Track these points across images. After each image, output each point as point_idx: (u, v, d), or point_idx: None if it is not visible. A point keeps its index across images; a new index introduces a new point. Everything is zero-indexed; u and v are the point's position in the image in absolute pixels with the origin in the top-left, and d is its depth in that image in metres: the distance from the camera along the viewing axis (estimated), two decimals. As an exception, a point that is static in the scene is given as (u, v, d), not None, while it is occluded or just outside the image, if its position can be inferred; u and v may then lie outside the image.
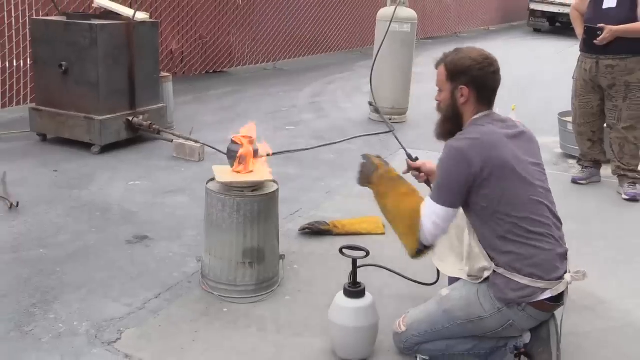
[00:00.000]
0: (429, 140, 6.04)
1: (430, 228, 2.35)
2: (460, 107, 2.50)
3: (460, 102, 2.49)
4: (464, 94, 2.47)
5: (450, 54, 2.53)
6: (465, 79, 2.46)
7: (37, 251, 3.38)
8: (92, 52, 5.03)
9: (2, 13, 6.03)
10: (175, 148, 5.19)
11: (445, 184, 2.37)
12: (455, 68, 2.48)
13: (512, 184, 2.36)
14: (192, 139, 5.21)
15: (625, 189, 4.76)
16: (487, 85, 2.48)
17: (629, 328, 2.94)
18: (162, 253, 3.45)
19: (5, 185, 4.23)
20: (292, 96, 8.02)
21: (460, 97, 2.48)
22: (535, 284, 2.34)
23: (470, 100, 2.48)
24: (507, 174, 2.35)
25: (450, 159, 2.37)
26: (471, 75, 2.45)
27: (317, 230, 3.76)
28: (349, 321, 2.52)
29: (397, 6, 6.65)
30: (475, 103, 2.48)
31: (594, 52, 4.70)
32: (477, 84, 2.46)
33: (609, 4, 4.64)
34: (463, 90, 2.46)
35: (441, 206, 2.35)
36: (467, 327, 2.46)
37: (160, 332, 2.70)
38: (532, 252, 2.35)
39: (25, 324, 2.70)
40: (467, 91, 2.46)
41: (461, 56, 2.49)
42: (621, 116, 4.73)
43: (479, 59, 2.46)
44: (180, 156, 5.14)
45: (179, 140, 5.22)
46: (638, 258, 3.73)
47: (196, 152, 5.08)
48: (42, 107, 5.32)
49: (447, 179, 2.37)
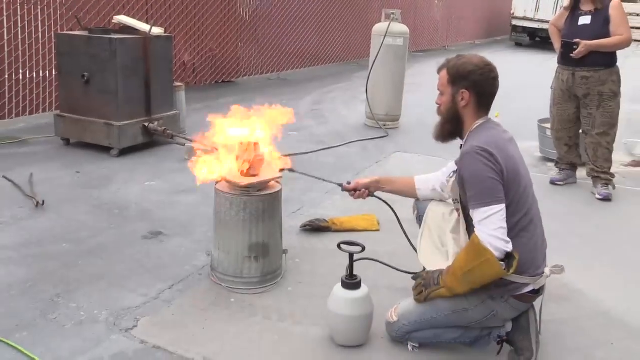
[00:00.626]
0: (420, 144, 6.08)
1: (497, 244, 2.20)
2: (461, 110, 2.45)
3: (461, 106, 2.44)
4: (464, 98, 2.42)
5: (452, 60, 2.48)
6: (467, 83, 2.41)
7: (61, 246, 3.38)
8: (111, 64, 5.04)
9: (30, 28, 6.04)
10: (187, 151, 5.18)
11: (486, 186, 2.26)
12: (457, 72, 2.43)
13: (517, 184, 2.35)
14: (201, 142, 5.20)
15: (599, 190, 4.76)
16: (486, 91, 2.44)
17: (601, 316, 2.94)
18: (175, 248, 3.45)
19: (32, 185, 4.24)
20: (295, 104, 8.02)
21: (460, 101, 2.43)
22: (521, 279, 2.34)
23: (470, 104, 2.43)
24: (515, 175, 2.34)
25: (478, 162, 2.28)
26: (472, 80, 2.41)
27: (317, 227, 3.76)
28: (346, 310, 2.52)
29: (390, 22, 6.65)
30: (475, 107, 2.44)
31: (570, 64, 4.70)
32: (477, 89, 2.41)
33: (584, 21, 4.65)
34: (464, 94, 2.42)
35: (493, 205, 2.24)
36: (453, 318, 2.45)
37: (173, 320, 2.70)
38: (523, 248, 2.33)
39: (50, 312, 2.70)
40: (467, 95, 2.41)
41: (463, 61, 2.44)
42: (595, 123, 4.74)
43: (480, 64, 2.42)
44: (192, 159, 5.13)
45: (190, 144, 5.21)
46: (610, 253, 3.73)
47: (206, 155, 5.07)
48: (66, 114, 5.31)
49: (485, 182, 2.27)
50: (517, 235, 2.33)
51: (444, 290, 2.37)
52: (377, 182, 2.91)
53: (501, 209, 2.25)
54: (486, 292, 2.37)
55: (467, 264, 2.28)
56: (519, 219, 2.35)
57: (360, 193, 2.87)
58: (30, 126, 5.95)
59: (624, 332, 2.83)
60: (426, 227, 2.70)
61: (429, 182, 2.84)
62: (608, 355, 2.63)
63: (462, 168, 2.35)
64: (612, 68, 4.67)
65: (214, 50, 8.74)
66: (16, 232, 3.51)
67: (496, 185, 2.26)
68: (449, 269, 2.38)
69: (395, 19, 6.70)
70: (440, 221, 2.68)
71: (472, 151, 2.32)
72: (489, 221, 2.23)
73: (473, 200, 2.29)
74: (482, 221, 2.25)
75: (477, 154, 2.29)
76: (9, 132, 5.67)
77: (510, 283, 2.34)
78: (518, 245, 2.32)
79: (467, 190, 2.34)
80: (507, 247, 2.23)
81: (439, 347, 2.55)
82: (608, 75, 4.64)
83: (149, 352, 2.46)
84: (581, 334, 2.77)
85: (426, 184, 2.84)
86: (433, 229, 2.66)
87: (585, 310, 2.99)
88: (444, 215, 2.69)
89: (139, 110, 5.29)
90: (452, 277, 2.35)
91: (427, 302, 2.45)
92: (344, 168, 5.17)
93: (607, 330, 2.83)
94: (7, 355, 2.39)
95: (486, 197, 2.25)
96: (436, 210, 2.74)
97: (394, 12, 6.73)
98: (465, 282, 2.31)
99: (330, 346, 2.56)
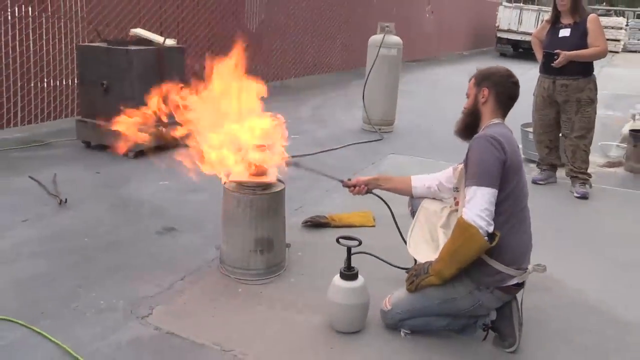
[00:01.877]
0: (413, 147, 6.09)
1: (480, 222, 2.20)
2: (480, 106, 2.50)
3: (481, 102, 2.49)
4: (484, 95, 2.47)
5: (481, 68, 2.58)
6: (487, 83, 2.48)
7: (82, 240, 3.39)
8: (128, 73, 5.04)
9: (54, 40, 6.04)
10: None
11: (484, 168, 2.27)
12: (481, 75, 2.53)
13: (520, 177, 2.36)
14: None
15: (577, 189, 4.76)
16: (505, 91, 2.48)
17: (579, 305, 2.95)
18: (186, 242, 3.45)
19: (56, 185, 4.24)
20: (297, 109, 8.02)
21: (481, 98, 2.48)
22: (509, 271, 2.34)
23: (489, 101, 2.47)
24: (518, 169, 2.35)
25: (487, 145, 2.30)
26: (493, 80, 2.48)
27: (318, 223, 3.77)
28: (344, 299, 2.52)
29: (385, 34, 6.66)
30: (493, 105, 2.48)
31: (551, 73, 4.70)
32: (497, 88, 2.47)
33: (564, 33, 4.65)
34: (484, 91, 2.47)
35: (485, 187, 2.24)
36: (442, 307, 2.45)
37: (185, 309, 2.70)
38: (513, 240, 2.34)
39: (72, 301, 2.70)
40: (487, 92, 2.47)
41: (489, 67, 2.56)
42: (574, 127, 4.74)
43: (502, 70, 2.52)
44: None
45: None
46: (586, 246, 3.73)
47: (216, 157, 5.07)
48: (87, 119, 5.31)
49: (485, 163, 2.27)
50: (512, 227, 2.33)
51: (433, 278, 2.38)
52: (375, 180, 2.92)
53: (491, 193, 2.24)
54: (474, 282, 2.38)
55: (453, 243, 2.28)
56: (518, 210, 2.36)
57: (359, 189, 2.88)
58: (53, 130, 5.95)
59: (600, 318, 2.83)
60: (417, 221, 2.71)
61: (424, 180, 2.85)
62: (585, 340, 2.63)
63: (470, 149, 2.37)
64: (590, 77, 4.67)
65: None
66: (41, 228, 3.51)
67: (495, 170, 2.27)
68: (437, 257, 2.39)
69: (390, 31, 6.70)
70: (431, 217, 2.68)
71: (482, 136, 2.36)
72: (477, 201, 2.23)
73: (470, 177, 2.30)
74: (470, 200, 2.25)
75: (487, 140, 2.32)
76: (35, 136, 5.68)
77: (498, 273, 2.34)
78: (513, 236, 2.33)
79: (468, 169, 2.34)
80: (489, 228, 2.22)
81: (429, 333, 2.55)
82: (586, 83, 4.64)
83: (163, 337, 2.46)
84: (561, 321, 2.77)
85: (421, 182, 2.85)
86: (424, 224, 2.67)
87: (565, 299, 2.99)
88: (436, 211, 2.69)
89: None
90: (440, 262, 2.35)
91: (418, 291, 2.45)
92: (342, 169, 5.16)
93: (584, 318, 2.83)
94: (33, 340, 2.39)
95: (482, 177, 2.25)
96: (428, 207, 2.74)
97: (389, 25, 6.73)
98: (453, 263, 2.30)
99: (330, 332, 2.57)
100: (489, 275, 2.36)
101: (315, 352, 2.44)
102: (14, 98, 5.72)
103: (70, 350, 2.31)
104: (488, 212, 2.23)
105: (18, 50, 5.69)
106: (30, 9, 5.80)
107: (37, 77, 5.94)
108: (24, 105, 5.83)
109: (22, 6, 5.72)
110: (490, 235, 2.25)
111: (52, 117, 6.15)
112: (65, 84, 6.24)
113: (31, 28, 5.80)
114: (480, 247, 2.23)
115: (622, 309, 2.94)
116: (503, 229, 2.29)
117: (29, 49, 5.79)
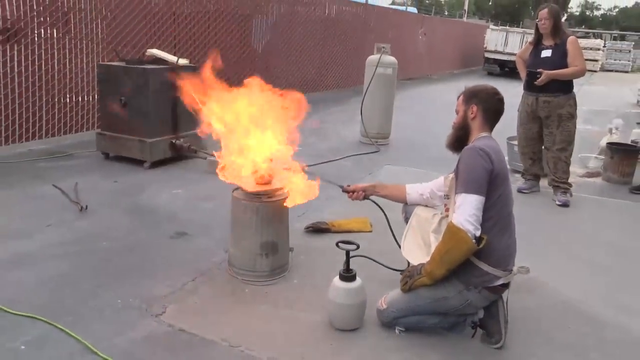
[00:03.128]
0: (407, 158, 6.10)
1: (468, 227, 2.21)
2: (470, 122, 2.51)
3: (470, 118, 2.51)
4: (473, 111, 2.49)
5: (469, 86, 2.61)
6: (476, 100, 2.49)
7: (101, 244, 3.40)
8: (145, 90, 5.07)
9: (76, 59, 6.08)
10: (208, 164, 5.20)
11: (473, 177, 2.28)
12: (469, 92, 2.55)
13: (506, 184, 2.37)
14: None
15: (558, 197, 4.77)
16: (491, 107, 2.50)
17: (559, 304, 2.95)
18: (197, 246, 3.46)
19: (77, 192, 4.25)
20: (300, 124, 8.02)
21: (470, 114, 2.50)
22: (496, 272, 2.35)
23: (478, 117, 2.49)
24: (504, 178, 2.36)
25: (475, 156, 2.32)
26: (480, 97, 2.50)
27: (319, 229, 3.77)
28: (343, 299, 2.53)
29: (381, 54, 6.69)
30: (482, 120, 2.50)
31: (534, 90, 4.72)
32: (484, 105, 2.49)
33: (546, 54, 4.67)
34: (473, 108, 2.49)
35: (473, 195, 2.25)
36: (434, 305, 2.45)
37: (196, 307, 2.71)
38: (499, 243, 2.34)
39: (91, 300, 2.71)
40: (476, 109, 2.49)
41: (476, 85, 2.59)
42: (555, 140, 4.75)
43: (489, 88, 2.55)
44: (212, 170, 5.12)
45: (211, 158, 5.23)
46: (567, 250, 3.73)
47: (225, 167, 5.08)
48: (106, 132, 5.34)
49: (474, 172, 2.28)
50: (499, 231, 2.34)
51: (425, 279, 2.39)
52: (372, 187, 2.93)
53: (479, 200, 2.26)
54: (463, 282, 2.38)
55: (444, 246, 2.29)
56: (504, 215, 2.37)
57: (357, 195, 2.89)
58: (75, 142, 5.98)
59: (579, 317, 2.83)
60: (411, 227, 2.71)
61: (417, 189, 2.86)
62: (565, 338, 2.63)
63: (460, 159, 2.39)
64: (570, 94, 4.69)
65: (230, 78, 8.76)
66: (63, 232, 3.53)
67: (482, 179, 2.28)
68: (429, 259, 2.40)
69: (386, 51, 6.73)
70: (424, 223, 2.69)
71: (471, 148, 2.38)
72: (466, 208, 2.24)
73: (459, 185, 2.31)
74: (460, 206, 2.26)
75: (475, 151, 2.34)
76: (58, 148, 5.70)
77: (486, 274, 2.34)
78: (499, 240, 2.34)
79: (458, 178, 2.35)
80: (477, 232, 2.24)
81: (422, 331, 2.55)
82: (566, 100, 4.66)
83: (175, 334, 2.47)
84: (543, 319, 2.77)
85: (415, 190, 2.86)
86: (417, 229, 2.67)
87: (547, 299, 2.99)
88: (427, 218, 2.70)
89: (168, 129, 5.32)
90: (432, 263, 2.36)
91: (411, 291, 2.45)
92: (342, 178, 5.15)
93: (564, 316, 2.83)
94: (55, 335, 2.40)
95: (470, 185, 2.27)
96: (421, 213, 2.75)
97: (385, 46, 6.76)
98: (444, 264, 2.31)
99: (330, 330, 2.57)
100: (477, 276, 2.36)
101: (316, 347, 2.44)
102: (40, 112, 5.75)
103: (90, 345, 2.32)
104: (476, 218, 2.25)
105: (44, 69, 5.73)
106: (55, 31, 5.85)
107: (61, 94, 5.97)
108: (48, 119, 5.86)
109: (48, 28, 5.76)
110: (478, 238, 2.26)
111: (74, 130, 6.17)
112: (86, 99, 6.27)
113: (56, 48, 5.84)
114: (468, 249, 2.24)
115: (600, 308, 2.94)
116: (490, 233, 2.30)
117: (53, 67, 5.83)
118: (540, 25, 4.67)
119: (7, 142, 5.50)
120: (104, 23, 6.37)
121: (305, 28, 10.50)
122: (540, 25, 4.67)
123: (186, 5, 7.68)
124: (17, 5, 5.40)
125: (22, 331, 2.41)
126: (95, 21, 6.27)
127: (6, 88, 5.39)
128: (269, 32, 9.59)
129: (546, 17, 4.62)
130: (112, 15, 6.42)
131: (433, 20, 19.80)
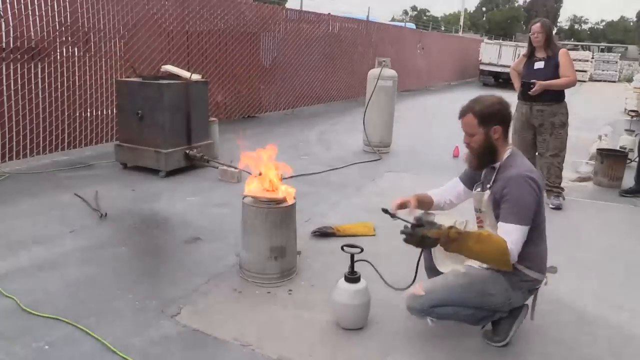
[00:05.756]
0: (407, 165, 6.09)
1: (514, 254, 2.19)
2: (495, 142, 2.35)
3: (495, 139, 2.35)
4: (497, 132, 2.34)
5: (473, 105, 2.36)
6: (497, 120, 2.33)
7: (120, 249, 3.40)
8: (160, 104, 5.09)
9: (96, 76, 6.12)
10: (220, 173, 5.21)
11: (524, 208, 2.21)
12: (487, 114, 2.33)
13: (544, 202, 2.36)
14: (232, 165, 5.23)
15: (552, 200, 4.74)
16: (508, 121, 2.39)
17: (554, 302, 2.92)
18: (210, 250, 3.46)
19: (97, 200, 4.27)
20: (306, 134, 8.05)
21: (494, 135, 2.34)
22: (540, 277, 2.36)
23: (501, 136, 2.36)
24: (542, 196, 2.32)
25: (526, 186, 2.21)
26: (499, 117, 2.34)
27: (325, 233, 3.75)
28: (348, 300, 2.52)
29: (382, 67, 6.70)
30: (504, 137, 2.38)
31: (528, 100, 4.71)
32: (505, 122, 2.36)
33: (539, 66, 4.66)
34: (496, 129, 2.33)
35: (524, 226, 2.21)
36: (477, 299, 2.33)
37: (209, 308, 2.70)
38: (540, 250, 2.35)
39: (111, 301, 2.71)
40: (500, 129, 2.34)
41: (487, 104, 2.34)
42: (548, 147, 4.73)
43: (502, 102, 2.37)
44: (224, 179, 5.16)
45: (222, 167, 5.24)
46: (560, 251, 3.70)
47: (235, 175, 5.10)
48: (124, 144, 5.36)
49: (525, 204, 2.21)
50: (539, 236, 2.33)
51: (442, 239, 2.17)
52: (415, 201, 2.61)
53: (527, 229, 2.22)
54: (512, 283, 2.34)
55: (483, 249, 2.17)
56: (541, 222, 2.34)
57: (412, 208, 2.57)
58: (95, 153, 6.01)
59: (573, 314, 2.81)
60: None
61: (439, 196, 2.70)
62: (560, 334, 2.61)
63: (509, 188, 2.24)
64: (561, 103, 4.67)
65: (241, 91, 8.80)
66: (85, 238, 3.53)
67: (532, 210, 2.23)
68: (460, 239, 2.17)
69: (386, 65, 6.73)
70: None
71: (521, 177, 2.24)
72: (517, 237, 2.20)
73: (511, 216, 2.21)
74: (511, 234, 2.20)
75: (526, 181, 2.22)
76: (80, 159, 5.73)
77: (532, 279, 2.35)
78: (540, 245, 2.35)
79: (506, 206, 2.23)
80: (514, 259, 2.22)
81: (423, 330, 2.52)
82: (558, 108, 4.65)
83: (190, 333, 2.46)
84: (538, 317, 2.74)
85: (439, 198, 2.69)
86: None
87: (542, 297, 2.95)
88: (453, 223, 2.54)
89: (182, 140, 5.33)
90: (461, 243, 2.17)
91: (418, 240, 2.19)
92: (346, 184, 5.17)
93: (558, 313, 2.81)
94: (77, 336, 2.40)
95: (522, 218, 2.21)
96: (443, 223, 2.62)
97: (385, 60, 6.77)
98: (470, 255, 2.23)
99: (336, 329, 2.56)
100: (524, 280, 2.35)
101: (323, 346, 2.42)
102: (62, 126, 5.79)
103: (109, 345, 2.32)
104: (519, 246, 2.22)
105: (66, 85, 5.77)
106: (76, 49, 5.89)
107: (82, 108, 6.01)
108: (70, 132, 5.89)
109: (70, 47, 5.81)
110: None
111: (94, 142, 6.21)
112: (105, 113, 6.30)
113: (77, 66, 5.88)
114: (499, 268, 2.27)
115: (592, 306, 2.91)
116: (535, 241, 2.30)
117: (75, 83, 5.87)
118: (533, 38, 4.67)
119: (32, 154, 5.53)
120: (121, 42, 6.41)
121: (310, 44, 10.53)
122: (533, 38, 4.67)
123: (198, 24, 7.73)
124: (40, 26, 5.45)
125: (46, 332, 2.42)
126: (114, 40, 6.32)
127: (31, 103, 5.43)
128: (276, 48, 9.62)
129: (539, 31, 4.61)
130: (129, 34, 6.47)
131: (430, 35, 19.83)
